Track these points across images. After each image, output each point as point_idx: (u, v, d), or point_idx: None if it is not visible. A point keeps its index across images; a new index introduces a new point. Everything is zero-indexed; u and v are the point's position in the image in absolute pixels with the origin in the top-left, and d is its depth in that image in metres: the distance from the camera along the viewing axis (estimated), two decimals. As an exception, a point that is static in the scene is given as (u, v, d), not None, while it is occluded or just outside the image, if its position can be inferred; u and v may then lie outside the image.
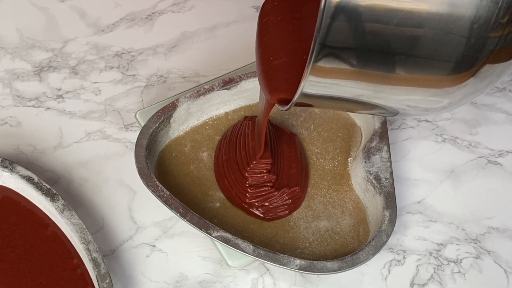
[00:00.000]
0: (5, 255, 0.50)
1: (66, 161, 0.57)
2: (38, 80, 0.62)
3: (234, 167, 0.55)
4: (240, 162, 0.55)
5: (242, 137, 0.56)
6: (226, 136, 0.58)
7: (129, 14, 0.68)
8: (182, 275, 0.52)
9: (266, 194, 0.54)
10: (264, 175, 0.54)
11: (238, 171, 0.55)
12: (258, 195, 0.54)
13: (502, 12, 0.31)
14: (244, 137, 0.56)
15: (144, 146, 0.53)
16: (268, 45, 0.46)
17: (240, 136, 0.57)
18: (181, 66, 0.64)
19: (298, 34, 0.46)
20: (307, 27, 0.46)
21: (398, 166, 0.59)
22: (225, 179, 0.55)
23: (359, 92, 0.36)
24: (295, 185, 0.55)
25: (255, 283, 0.52)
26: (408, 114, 0.41)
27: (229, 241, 0.48)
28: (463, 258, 0.54)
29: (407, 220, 0.56)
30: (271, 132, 0.57)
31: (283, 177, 0.55)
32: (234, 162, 0.55)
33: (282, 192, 0.54)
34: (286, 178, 0.55)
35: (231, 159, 0.56)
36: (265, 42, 0.46)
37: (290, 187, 0.54)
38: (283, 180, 0.55)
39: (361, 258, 0.49)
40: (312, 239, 0.53)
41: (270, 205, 0.54)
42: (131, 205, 0.55)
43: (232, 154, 0.56)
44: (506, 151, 0.61)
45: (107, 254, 0.52)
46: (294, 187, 0.54)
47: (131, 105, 0.61)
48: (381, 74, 0.34)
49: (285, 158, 0.56)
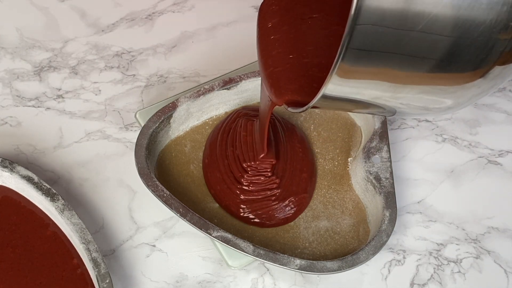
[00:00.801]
0: (5, 255, 0.50)
1: (66, 161, 0.57)
2: (38, 80, 0.62)
3: (224, 176, 0.54)
4: (235, 170, 0.54)
5: (238, 137, 0.55)
6: (215, 136, 0.56)
7: (129, 14, 0.68)
8: (182, 275, 0.52)
9: (267, 207, 0.53)
10: (264, 177, 0.53)
11: (232, 179, 0.53)
12: (255, 209, 0.53)
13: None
14: (238, 137, 0.55)
15: (144, 146, 0.53)
16: (273, 46, 0.46)
17: (235, 136, 0.55)
18: (181, 66, 0.64)
19: (304, 36, 0.46)
20: (312, 30, 0.46)
21: (398, 166, 0.59)
22: (215, 186, 0.54)
23: (377, 93, 0.37)
24: (304, 192, 0.54)
25: (255, 283, 0.52)
26: (411, 114, 0.42)
27: (229, 241, 0.48)
28: (463, 258, 0.54)
29: (407, 220, 0.56)
30: (279, 129, 0.56)
31: (292, 183, 0.54)
32: (226, 170, 0.54)
33: (289, 201, 0.53)
34: (295, 184, 0.54)
35: (223, 166, 0.54)
36: (269, 43, 0.47)
37: (298, 194, 0.54)
38: (292, 187, 0.54)
39: (361, 258, 0.49)
40: (312, 239, 0.53)
41: (270, 215, 0.53)
42: (131, 205, 0.55)
43: (221, 161, 0.54)
44: (506, 151, 0.61)
45: (107, 254, 0.52)
46: (302, 194, 0.54)
47: (131, 105, 0.61)
48: (403, 74, 0.35)
49: (298, 161, 0.55)
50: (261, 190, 0.53)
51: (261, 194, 0.53)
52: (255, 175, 0.53)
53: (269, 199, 0.53)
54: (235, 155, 0.54)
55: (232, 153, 0.54)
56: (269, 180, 0.53)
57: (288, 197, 0.53)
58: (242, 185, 0.53)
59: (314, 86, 0.43)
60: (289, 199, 0.53)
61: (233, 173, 0.54)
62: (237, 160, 0.54)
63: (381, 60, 0.33)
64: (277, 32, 0.47)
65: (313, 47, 0.45)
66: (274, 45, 0.46)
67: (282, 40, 0.46)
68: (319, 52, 0.45)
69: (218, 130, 0.57)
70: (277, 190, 0.53)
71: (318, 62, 0.45)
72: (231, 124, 0.56)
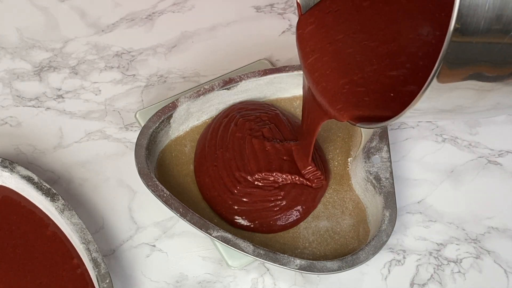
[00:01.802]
0: (5, 255, 0.50)
1: (66, 161, 0.57)
2: (38, 80, 0.62)
3: (214, 183, 0.53)
4: (226, 177, 0.52)
5: (231, 137, 0.54)
6: (205, 134, 0.55)
7: (129, 14, 0.68)
8: (182, 275, 0.52)
9: (267, 218, 0.52)
10: (262, 190, 0.52)
11: (222, 186, 0.52)
12: (253, 219, 0.52)
13: None
14: (232, 137, 0.54)
15: (144, 146, 0.53)
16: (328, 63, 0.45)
17: (226, 135, 0.54)
18: (181, 66, 0.64)
19: (359, 49, 0.45)
20: (364, 40, 0.45)
21: (398, 166, 0.59)
22: (206, 193, 0.53)
23: (464, 101, 0.36)
24: (313, 201, 0.53)
25: (255, 283, 0.52)
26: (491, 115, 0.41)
27: (229, 241, 0.48)
28: (463, 258, 0.54)
29: (407, 220, 0.56)
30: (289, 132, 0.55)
31: (303, 193, 0.53)
32: (216, 176, 0.53)
33: (295, 210, 0.52)
34: (306, 193, 0.53)
35: (212, 171, 0.53)
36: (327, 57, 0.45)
37: (307, 203, 0.53)
38: (301, 196, 0.53)
39: (361, 258, 0.49)
40: (312, 239, 0.53)
41: (271, 225, 0.52)
42: (131, 205, 0.55)
43: (210, 164, 0.53)
44: (506, 151, 0.61)
45: (107, 254, 0.52)
46: (312, 203, 0.53)
47: (131, 105, 0.61)
48: (491, 84, 0.34)
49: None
50: (259, 201, 0.52)
51: (259, 205, 0.52)
52: (251, 187, 0.52)
53: (271, 210, 0.52)
54: (225, 158, 0.53)
55: (221, 156, 0.53)
56: (271, 194, 0.53)
57: (295, 207, 0.53)
58: (235, 196, 0.52)
59: (391, 97, 0.42)
60: (296, 208, 0.53)
61: (223, 180, 0.53)
62: (227, 166, 0.53)
63: (477, 69, 0.32)
64: (329, 45, 0.45)
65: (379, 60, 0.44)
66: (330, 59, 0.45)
67: (337, 53, 0.45)
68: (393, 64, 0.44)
69: (208, 127, 0.56)
70: (281, 201, 0.52)
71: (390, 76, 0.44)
72: (222, 119, 0.55)
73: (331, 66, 0.45)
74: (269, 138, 0.54)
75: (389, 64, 0.44)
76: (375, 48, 0.45)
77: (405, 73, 0.43)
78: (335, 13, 0.47)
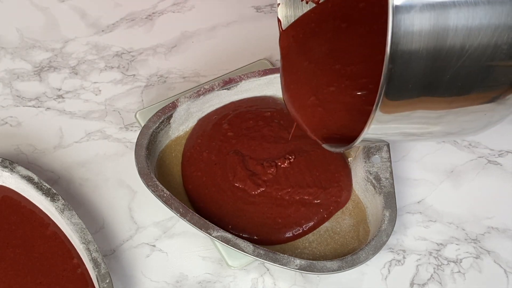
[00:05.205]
0: (5, 255, 0.50)
1: (66, 161, 0.57)
2: (38, 80, 0.62)
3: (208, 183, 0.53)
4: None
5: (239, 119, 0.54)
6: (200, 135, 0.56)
7: (129, 14, 0.68)
8: (182, 275, 0.52)
9: (268, 234, 0.52)
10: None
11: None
12: (252, 234, 0.52)
13: None
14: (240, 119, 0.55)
15: (144, 146, 0.53)
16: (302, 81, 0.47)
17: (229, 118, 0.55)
18: (181, 66, 0.64)
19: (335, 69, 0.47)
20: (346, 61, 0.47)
21: (398, 166, 0.59)
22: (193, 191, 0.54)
23: (419, 123, 0.36)
24: (326, 213, 0.54)
25: (255, 283, 0.52)
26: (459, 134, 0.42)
27: (229, 241, 0.48)
28: (463, 258, 0.54)
29: (407, 220, 0.56)
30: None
31: (321, 204, 0.53)
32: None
33: (303, 224, 0.53)
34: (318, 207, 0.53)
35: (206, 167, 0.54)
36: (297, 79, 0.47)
37: (318, 215, 0.53)
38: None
39: (361, 258, 0.49)
40: (312, 239, 0.53)
41: (271, 240, 0.52)
42: (131, 205, 0.55)
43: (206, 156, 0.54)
44: (506, 151, 0.61)
45: (107, 254, 0.52)
46: (323, 220, 0.53)
47: (131, 105, 0.61)
48: (445, 100, 0.34)
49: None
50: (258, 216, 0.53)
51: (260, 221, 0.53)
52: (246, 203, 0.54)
53: (272, 228, 0.52)
54: (211, 162, 0.55)
55: (207, 159, 0.55)
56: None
57: (305, 224, 0.53)
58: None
59: (356, 117, 0.43)
60: (305, 224, 0.53)
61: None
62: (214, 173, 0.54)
63: (423, 92, 0.33)
64: (304, 65, 0.47)
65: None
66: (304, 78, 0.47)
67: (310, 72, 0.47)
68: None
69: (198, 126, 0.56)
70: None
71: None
72: (213, 116, 0.56)
73: (302, 83, 0.47)
74: (269, 139, 0.54)
75: (349, 85, 0.45)
76: (338, 70, 0.46)
77: (367, 94, 0.44)
78: (313, 31, 0.48)
